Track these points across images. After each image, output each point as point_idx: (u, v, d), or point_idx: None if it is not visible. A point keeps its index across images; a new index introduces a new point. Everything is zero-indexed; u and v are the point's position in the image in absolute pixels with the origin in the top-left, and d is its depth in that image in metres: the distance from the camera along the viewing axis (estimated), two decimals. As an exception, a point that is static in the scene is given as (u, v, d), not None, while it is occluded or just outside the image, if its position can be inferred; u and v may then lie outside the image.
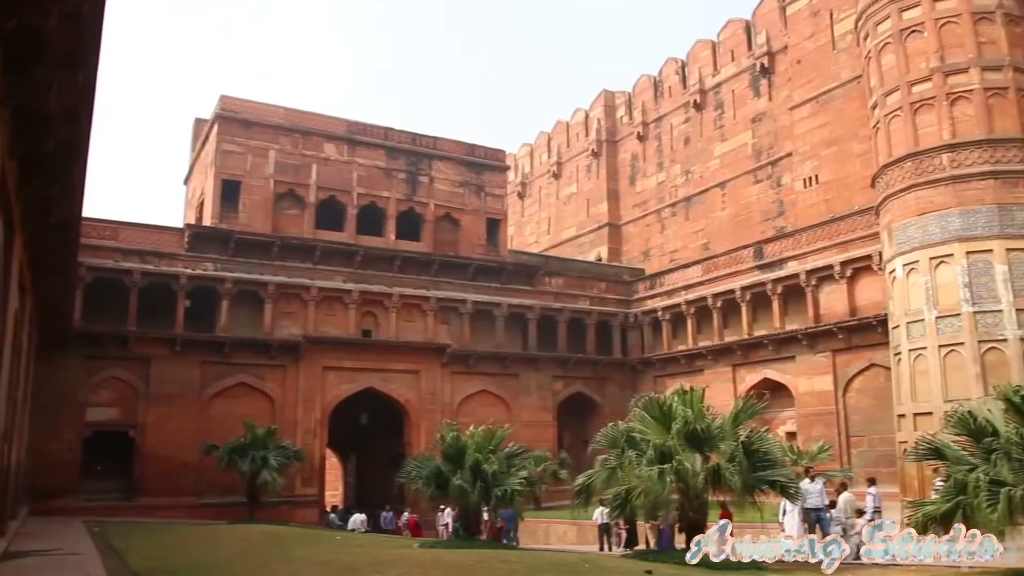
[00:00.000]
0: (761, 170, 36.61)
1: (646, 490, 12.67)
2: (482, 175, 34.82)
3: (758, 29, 37.53)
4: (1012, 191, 20.54)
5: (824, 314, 27.74)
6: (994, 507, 9.00)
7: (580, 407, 35.05)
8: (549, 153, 51.47)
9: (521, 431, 29.41)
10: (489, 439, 17.89)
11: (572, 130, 49.89)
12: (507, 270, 33.84)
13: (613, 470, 14.08)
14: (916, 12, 22.30)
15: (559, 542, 23.98)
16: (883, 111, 22.84)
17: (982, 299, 20.08)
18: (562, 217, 49.32)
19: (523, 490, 17.12)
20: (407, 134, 33.53)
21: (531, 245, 49.27)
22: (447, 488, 17.32)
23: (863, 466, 25.07)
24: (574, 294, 35.32)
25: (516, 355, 33.17)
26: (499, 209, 35.34)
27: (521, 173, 53.18)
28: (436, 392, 31.04)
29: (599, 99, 47.81)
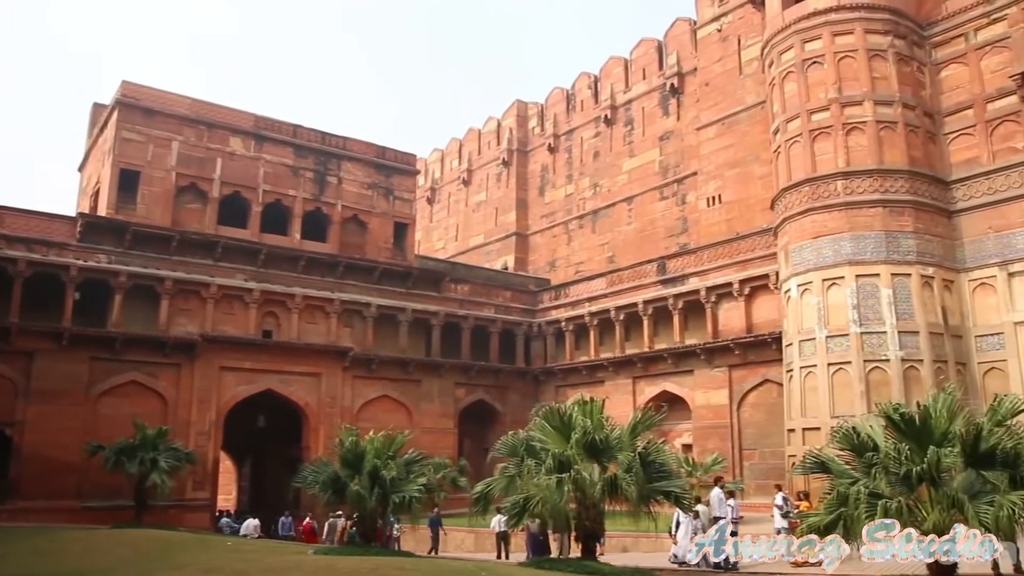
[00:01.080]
0: (667, 187, 37.45)
1: (544, 499, 12.72)
2: (391, 178, 34.51)
3: (669, 50, 38.43)
4: (898, 219, 21.65)
5: (722, 330, 28.57)
6: (872, 518, 9.43)
7: (482, 415, 35.08)
8: (460, 160, 51.45)
9: (422, 437, 29.14)
10: (389, 445, 17.66)
11: (484, 138, 50.02)
12: (413, 275, 33.61)
13: (512, 478, 14.08)
14: (817, 44, 23.33)
15: (456, 550, 23.90)
16: (784, 136, 23.73)
17: (869, 320, 21.08)
18: (470, 224, 49.35)
19: (422, 497, 16.96)
20: (316, 133, 32.95)
21: (439, 251, 49.11)
22: (344, 494, 17.00)
23: (754, 478, 25.93)
24: (479, 302, 35.37)
25: (419, 361, 32.97)
26: (408, 213, 35.09)
27: (431, 178, 53.00)
28: (337, 396, 30.53)
29: (512, 109, 48.10)
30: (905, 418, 10.31)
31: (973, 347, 21.57)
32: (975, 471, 9.80)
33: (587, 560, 13.41)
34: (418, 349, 33.58)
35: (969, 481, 9.80)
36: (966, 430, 9.99)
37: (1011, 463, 9.77)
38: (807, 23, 23.64)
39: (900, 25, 23.32)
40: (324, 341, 30.66)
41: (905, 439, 10.23)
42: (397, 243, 34.19)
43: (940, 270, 21.72)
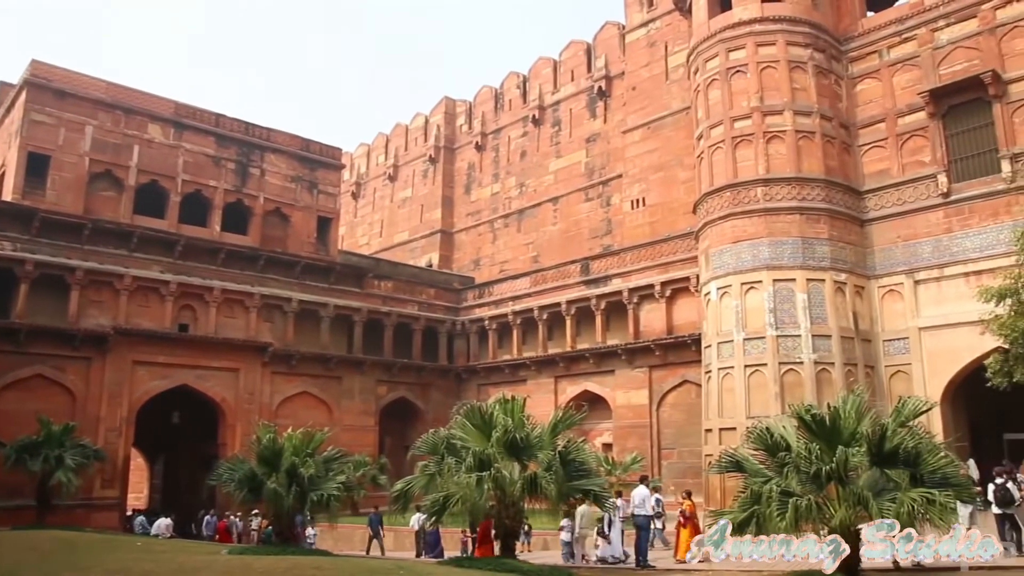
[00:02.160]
0: (592, 189, 37.84)
1: (464, 497, 12.69)
2: (316, 172, 34.00)
3: (598, 53, 38.84)
4: (814, 226, 22.33)
5: (644, 331, 29.02)
6: (783, 515, 9.71)
7: (403, 413, 34.87)
8: (386, 155, 51.01)
9: (342, 435, 28.91)
10: (308, 442, 17.36)
11: (411, 134, 49.68)
12: (336, 270, 33.18)
13: (432, 476, 14.00)
14: (741, 54, 23.88)
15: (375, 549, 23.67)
16: (707, 142, 24.22)
17: (784, 324, 21.68)
18: (395, 221, 48.97)
19: (341, 495, 16.73)
20: (240, 123, 32.22)
21: (362, 247, 48.60)
22: (261, 492, 16.67)
23: (672, 477, 26.40)
24: (403, 299, 35.16)
25: (341, 357, 32.58)
26: (331, 208, 34.61)
27: (356, 173, 52.39)
28: (255, 392, 29.91)
29: (440, 106, 47.90)
30: (816, 419, 10.63)
31: (881, 351, 22.40)
32: (880, 469, 10.18)
33: (506, 558, 13.44)
34: (340, 345, 33.19)
35: (874, 479, 10.18)
36: (872, 430, 10.38)
37: (912, 462, 10.20)
38: (732, 32, 24.17)
39: (820, 39, 24.05)
40: (243, 336, 30.02)
41: (816, 439, 10.56)
42: (320, 238, 33.70)
43: (852, 276, 22.48)
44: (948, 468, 10.44)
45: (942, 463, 10.39)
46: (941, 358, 21.21)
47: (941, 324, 21.16)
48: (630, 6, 36.03)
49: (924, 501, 9.39)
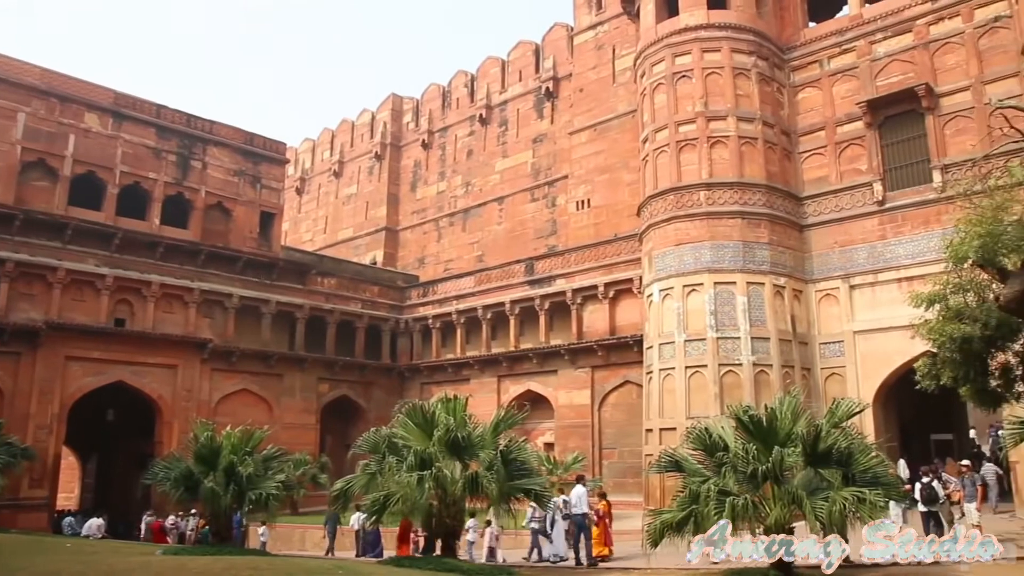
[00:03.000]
0: (538, 189, 37.98)
1: (405, 496, 12.65)
2: (260, 166, 33.48)
3: (546, 54, 39.00)
4: (755, 231, 22.75)
5: (587, 331, 29.23)
6: (720, 514, 9.89)
7: (345, 411, 34.57)
8: (332, 151, 50.50)
9: (282, 433, 28.56)
10: (247, 440, 17.11)
11: (357, 130, 49.27)
12: (279, 266, 32.74)
13: (373, 475, 13.93)
14: (687, 59, 24.22)
15: (315, 548, 23.41)
16: (652, 146, 24.51)
17: (725, 326, 22.04)
18: (340, 217, 48.51)
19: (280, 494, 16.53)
20: (182, 114, 31.55)
21: (306, 243, 48.01)
22: (198, 491, 16.38)
23: (613, 477, 26.65)
24: (346, 296, 34.86)
25: (282, 355, 32.14)
26: (275, 203, 34.13)
27: (301, 168, 51.76)
28: (193, 389, 29.32)
29: (387, 102, 47.59)
30: (753, 420, 10.84)
31: (817, 353, 22.93)
32: (814, 469, 10.42)
33: (447, 558, 13.42)
34: (281, 342, 32.75)
35: (808, 479, 10.42)
36: (807, 431, 10.62)
37: (845, 462, 10.47)
38: (678, 38, 24.49)
39: (763, 47, 24.52)
40: (182, 332, 29.42)
41: (753, 439, 10.76)
42: (263, 233, 33.20)
43: (791, 280, 22.96)
44: (878, 468, 10.76)
45: (873, 463, 10.69)
46: (874, 361, 21.81)
47: (874, 328, 21.74)
48: (579, 8, 36.26)
49: (855, 500, 9.64)
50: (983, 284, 12.72)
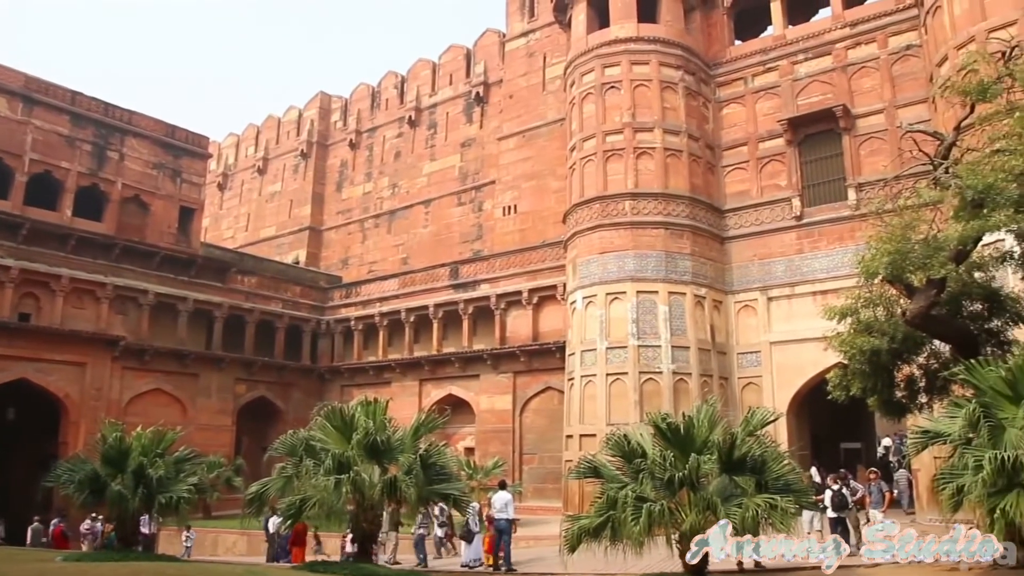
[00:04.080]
0: (465, 193, 37.91)
1: (322, 500, 12.44)
2: (180, 160, 32.60)
3: (478, 59, 39.00)
4: (678, 242, 23.18)
5: (510, 337, 29.29)
6: (637, 520, 9.97)
7: (263, 413, 33.82)
8: (257, 147, 49.47)
9: (196, 435, 27.72)
10: (158, 442, 16.54)
11: (283, 127, 48.40)
12: (198, 263, 31.91)
13: (289, 479, 13.64)
14: (616, 71, 24.58)
15: (227, 553, 22.87)
16: (580, 154, 24.75)
17: (646, 335, 22.37)
18: (263, 215, 47.55)
19: (192, 497, 16.03)
20: (99, 103, 30.49)
21: (227, 240, 46.88)
22: (104, 494, 15.77)
23: (533, 482, 26.76)
24: (267, 295, 34.15)
25: (199, 354, 31.27)
26: (196, 198, 33.27)
27: (224, 164, 50.56)
28: (103, 388, 28.25)
29: (315, 100, 46.90)
30: (671, 427, 10.98)
31: (735, 363, 23.46)
32: (728, 476, 10.60)
33: (363, 562, 13.26)
34: (198, 342, 31.88)
35: (723, 485, 10.59)
36: (723, 439, 10.80)
37: (758, 469, 10.69)
38: (608, 49, 24.81)
39: (691, 62, 25.03)
40: (92, 328, 28.34)
41: (670, 446, 10.91)
42: (182, 228, 32.32)
43: (711, 291, 23.45)
44: (790, 475, 11.01)
45: (785, 470, 10.95)
46: (789, 371, 22.43)
47: (790, 339, 22.35)
48: (512, 15, 36.40)
49: (768, 506, 9.84)
50: (892, 299, 13.20)
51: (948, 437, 10.80)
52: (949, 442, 10.81)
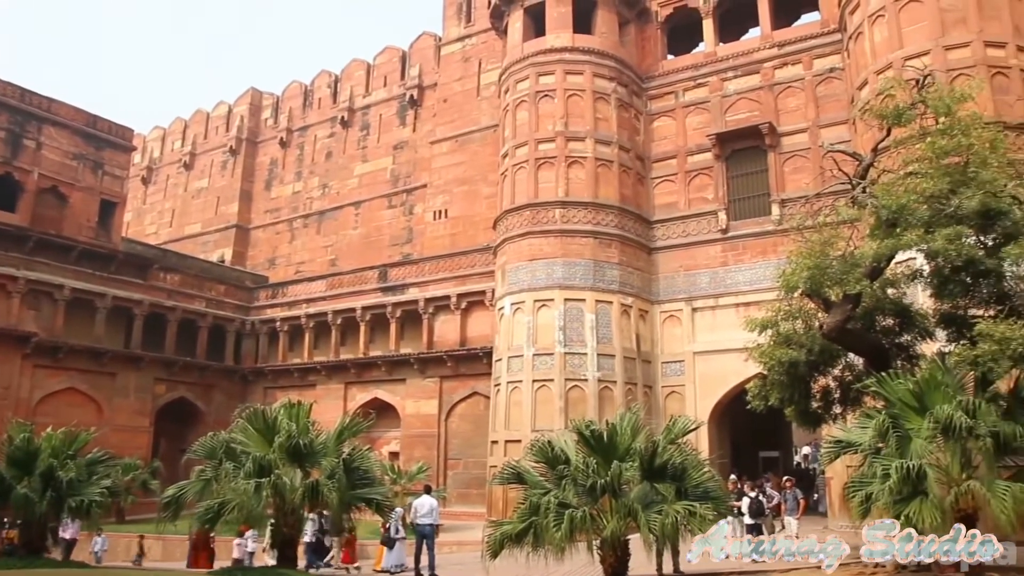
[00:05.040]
0: (396, 196, 37.71)
1: (241, 504, 12.19)
2: (102, 151, 31.64)
3: (413, 61, 38.86)
4: (606, 251, 23.45)
5: (437, 341, 29.20)
6: (559, 526, 10.07)
7: (183, 414, 32.96)
8: (184, 141, 48.30)
9: (112, 436, 26.82)
10: (69, 443, 15.97)
11: (212, 122, 47.36)
12: (118, 259, 30.98)
13: (208, 482, 13.34)
14: (551, 79, 24.76)
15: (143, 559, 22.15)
16: (512, 161, 24.85)
17: (573, 342, 22.55)
18: (188, 211, 46.43)
19: (104, 501, 15.54)
20: (14, 88, 29.40)
21: (150, 236, 45.63)
22: (9, 497, 15.14)
23: (457, 487, 26.70)
24: (190, 294, 33.32)
25: (116, 352, 30.30)
26: (117, 191, 32.31)
27: (149, 157, 49.21)
28: (11, 386, 27.11)
29: (246, 96, 46.04)
30: (595, 434, 11.11)
31: (659, 372, 23.83)
32: (650, 483, 10.79)
33: (284, 568, 13.04)
34: (117, 340, 30.90)
35: (644, 492, 10.77)
36: (645, 447, 10.99)
37: (679, 476, 10.91)
38: (543, 58, 24.99)
39: (624, 74, 25.39)
40: (3, 323, 27.21)
41: (594, 453, 11.03)
42: (102, 222, 31.36)
43: (638, 300, 23.78)
44: (709, 483, 11.27)
45: (704, 478, 11.19)
46: (711, 381, 22.88)
47: (713, 350, 22.80)
48: (448, 19, 36.39)
49: (687, 513, 10.05)
50: (810, 313, 13.60)
51: (859, 447, 11.22)
52: (860, 451, 11.22)
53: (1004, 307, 11.72)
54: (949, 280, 11.95)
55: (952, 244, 11.08)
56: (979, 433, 10.04)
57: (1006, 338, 10.38)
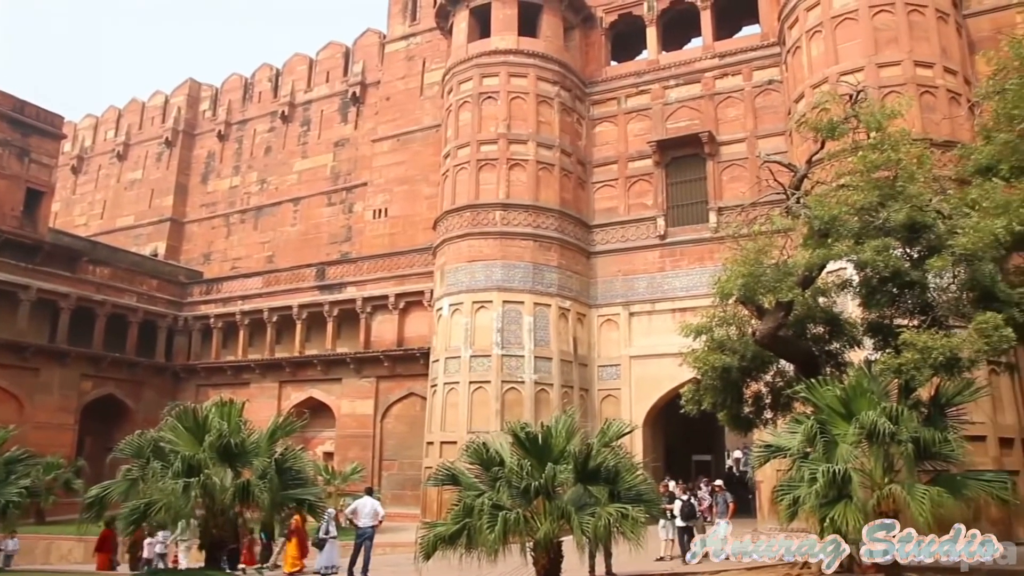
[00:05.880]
0: (336, 194, 37.29)
1: (168, 504, 11.89)
2: (29, 138, 30.62)
3: (356, 58, 38.48)
4: (545, 254, 23.55)
5: (375, 341, 28.97)
6: (493, 528, 10.04)
7: (110, 412, 32.02)
8: (117, 131, 46.98)
9: (33, 434, 25.91)
10: (-14, 442, 15.45)
11: (148, 112, 46.18)
12: (44, 250, 29.99)
13: (134, 482, 12.99)
14: (495, 81, 24.78)
15: (62, 561, 21.48)
16: (454, 162, 24.79)
17: (510, 344, 22.59)
18: (121, 203, 45.19)
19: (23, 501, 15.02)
20: (-62, 71, 28.28)
21: (79, 227, 44.25)
22: (-89, 500, 14.54)
23: (392, 488, 26.50)
24: (121, 287, 32.41)
25: (40, 347, 29.28)
26: (45, 180, 31.30)
27: (80, 146, 47.76)
28: (-75, 381, 26.09)
29: (183, 87, 45.01)
30: (530, 436, 11.12)
31: (596, 375, 24.02)
32: (584, 486, 10.84)
33: (211, 570, 12.77)
34: (40, 333, 29.88)
35: (578, 495, 10.82)
36: (579, 449, 11.03)
37: (612, 479, 10.98)
38: (488, 59, 24.99)
39: (568, 79, 25.54)
40: (-84, 314, 26.15)
41: (528, 455, 11.04)
42: (28, 212, 30.33)
43: (576, 304, 23.93)
44: (642, 486, 11.37)
45: (637, 481, 11.29)
46: (647, 385, 23.15)
47: (649, 354, 23.07)
48: (393, 17, 36.14)
49: (619, 515, 10.12)
50: (744, 319, 13.85)
51: (788, 451, 11.47)
52: (789, 456, 11.47)
53: (927, 317, 12.11)
54: (877, 290, 12.31)
55: (880, 255, 11.42)
56: (901, 439, 10.36)
57: (928, 347, 10.74)
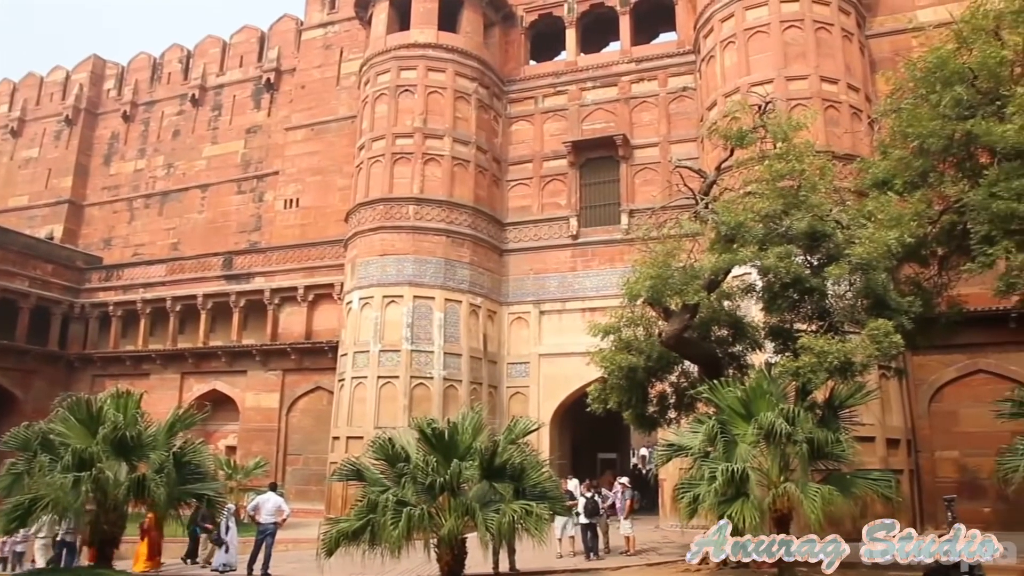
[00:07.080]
0: (246, 182, 36.35)
1: (56, 500, 11.44)
2: (-86, 110, 28.89)
3: (272, 44, 37.59)
4: (458, 250, 23.54)
5: (282, 333, 28.41)
6: (397, 524, 9.99)
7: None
8: (12, 106, 44.66)
9: (-93, 423, 24.56)
10: None
11: (46, 88, 44.05)
12: (-74, 229, 28.37)
13: (19, 476, 12.45)
14: (412, 75, 24.64)
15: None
16: (368, 154, 24.53)
17: (420, 340, 22.51)
18: (14, 182, 43.02)
19: None
20: None
21: (-32, 206, 42.03)
22: None
23: (296, 483, 26.08)
24: (11, 271, 30.86)
25: (-80, 330, 27.76)
26: (-69, 156, 29.59)
27: (-30, 121, 45.29)
28: None
29: (87, 63, 43.09)
30: (436, 432, 11.11)
31: (505, 372, 24.14)
32: (489, 483, 10.88)
33: (101, 568, 12.33)
34: (-80, 317, 28.29)
35: (483, 492, 10.86)
36: (485, 446, 11.08)
37: (518, 476, 11.06)
38: (406, 52, 24.81)
39: (486, 76, 25.57)
40: None
41: (434, 452, 11.03)
42: (-89, 188, 28.63)
43: (487, 301, 23.98)
44: (547, 483, 11.50)
45: (542, 478, 11.40)
46: (555, 383, 23.38)
47: (558, 353, 23.31)
48: (311, 4, 35.45)
49: (523, 512, 10.20)
50: (651, 320, 14.15)
51: (690, 450, 11.77)
52: (691, 455, 11.77)
53: (824, 323, 12.60)
54: (778, 295, 12.73)
55: (782, 262, 11.82)
56: (797, 439, 10.75)
57: (824, 351, 11.19)
